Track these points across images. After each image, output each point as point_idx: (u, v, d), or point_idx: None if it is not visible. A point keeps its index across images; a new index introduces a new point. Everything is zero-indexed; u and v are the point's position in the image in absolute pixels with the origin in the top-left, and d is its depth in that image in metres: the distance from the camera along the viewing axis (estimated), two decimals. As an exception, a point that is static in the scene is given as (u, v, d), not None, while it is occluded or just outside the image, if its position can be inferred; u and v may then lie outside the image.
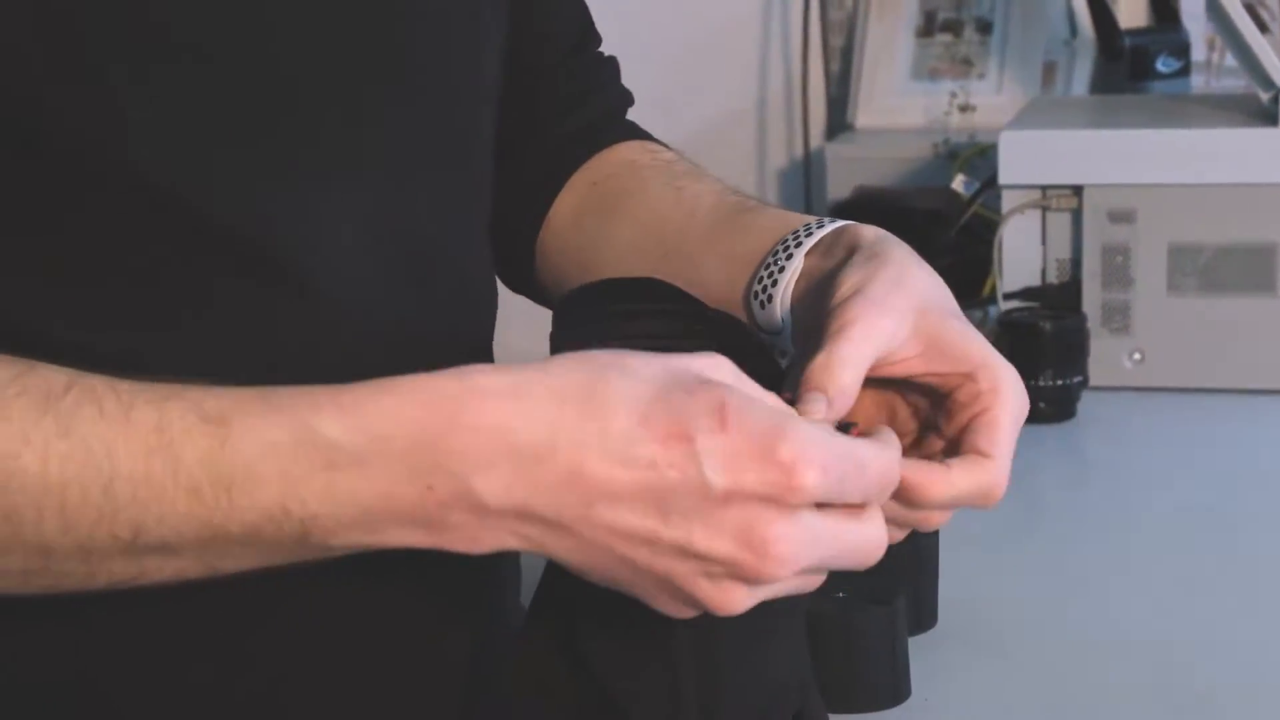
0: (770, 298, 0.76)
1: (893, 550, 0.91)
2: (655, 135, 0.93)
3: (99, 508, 0.59)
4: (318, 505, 0.59)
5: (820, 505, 0.59)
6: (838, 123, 2.05)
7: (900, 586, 0.86)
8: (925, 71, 1.98)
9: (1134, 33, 1.82)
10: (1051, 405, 1.27)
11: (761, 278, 0.77)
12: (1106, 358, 1.32)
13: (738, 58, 2.06)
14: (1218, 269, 1.31)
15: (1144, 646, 0.91)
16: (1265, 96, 1.30)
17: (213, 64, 0.67)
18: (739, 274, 0.78)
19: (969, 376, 0.70)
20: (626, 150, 0.90)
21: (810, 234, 0.76)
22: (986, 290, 1.37)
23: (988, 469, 0.69)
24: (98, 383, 0.60)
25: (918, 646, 0.88)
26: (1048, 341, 1.26)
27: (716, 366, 0.60)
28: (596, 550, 0.59)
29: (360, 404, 0.59)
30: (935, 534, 0.94)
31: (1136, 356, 1.33)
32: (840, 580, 0.87)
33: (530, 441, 0.58)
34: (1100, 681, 0.87)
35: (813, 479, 0.58)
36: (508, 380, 0.59)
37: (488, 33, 0.81)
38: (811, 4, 2.03)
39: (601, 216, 0.87)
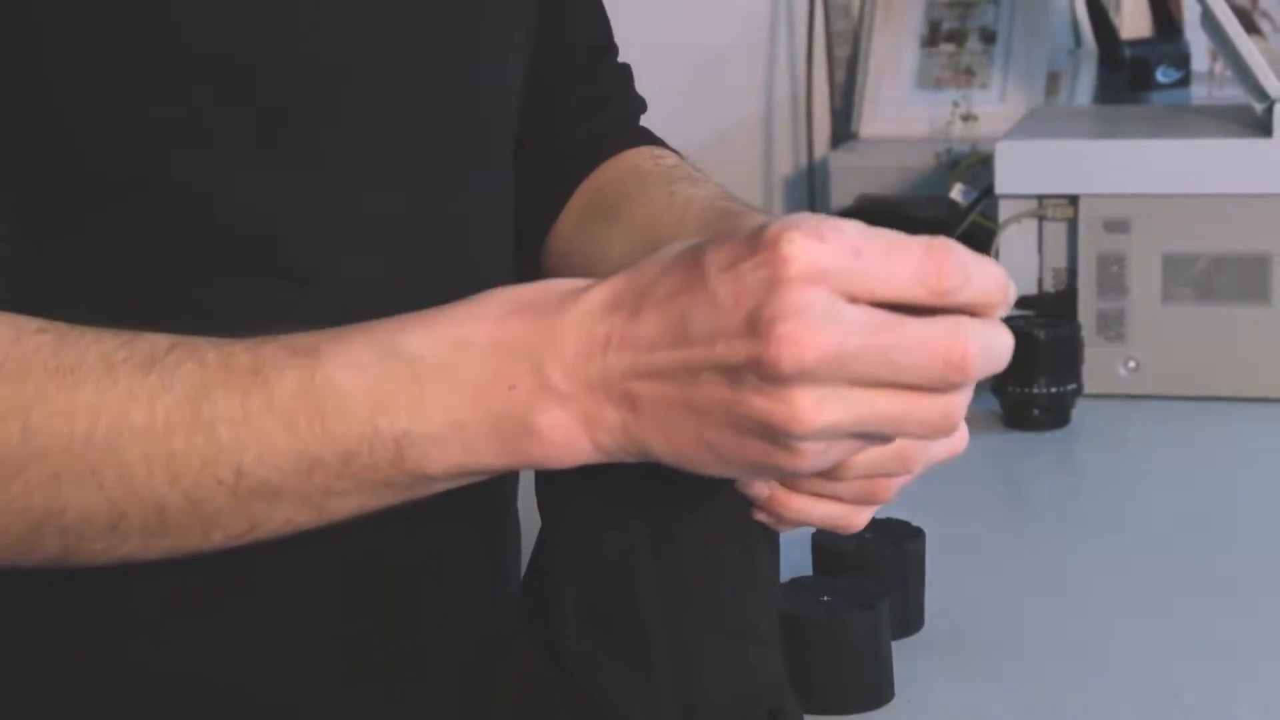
0: None
1: (880, 553, 0.93)
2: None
3: (202, 453, 0.61)
4: (408, 420, 0.60)
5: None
6: (842, 132, 2.06)
7: (885, 590, 0.88)
8: (930, 81, 1.99)
9: (1135, 43, 1.83)
10: (1046, 413, 1.28)
11: None
12: (1101, 366, 1.33)
13: (744, 68, 2.07)
14: (1212, 278, 1.31)
15: (1133, 654, 0.92)
16: (1260, 107, 1.31)
17: (241, 72, 0.68)
18: None
19: None
20: (634, 156, 0.92)
21: None
22: (984, 299, 1.38)
23: None
24: (200, 340, 0.62)
25: (903, 649, 0.89)
26: (1042, 349, 1.27)
27: None
28: (665, 414, 0.59)
29: (439, 316, 0.61)
30: (922, 539, 0.95)
31: (1131, 365, 1.34)
32: (825, 585, 0.88)
33: (586, 320, 0.59)
34: (1086, 687, 0.88)
35: (800, 243, 0.55)
36: (571, 281, 0.61)
37: (516, 40, 0.82)
38: (817, 15, 2.04)
39: (602, 221, 0.89)
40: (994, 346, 0.58)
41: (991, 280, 0.58)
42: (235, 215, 0.69)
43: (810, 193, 2.03)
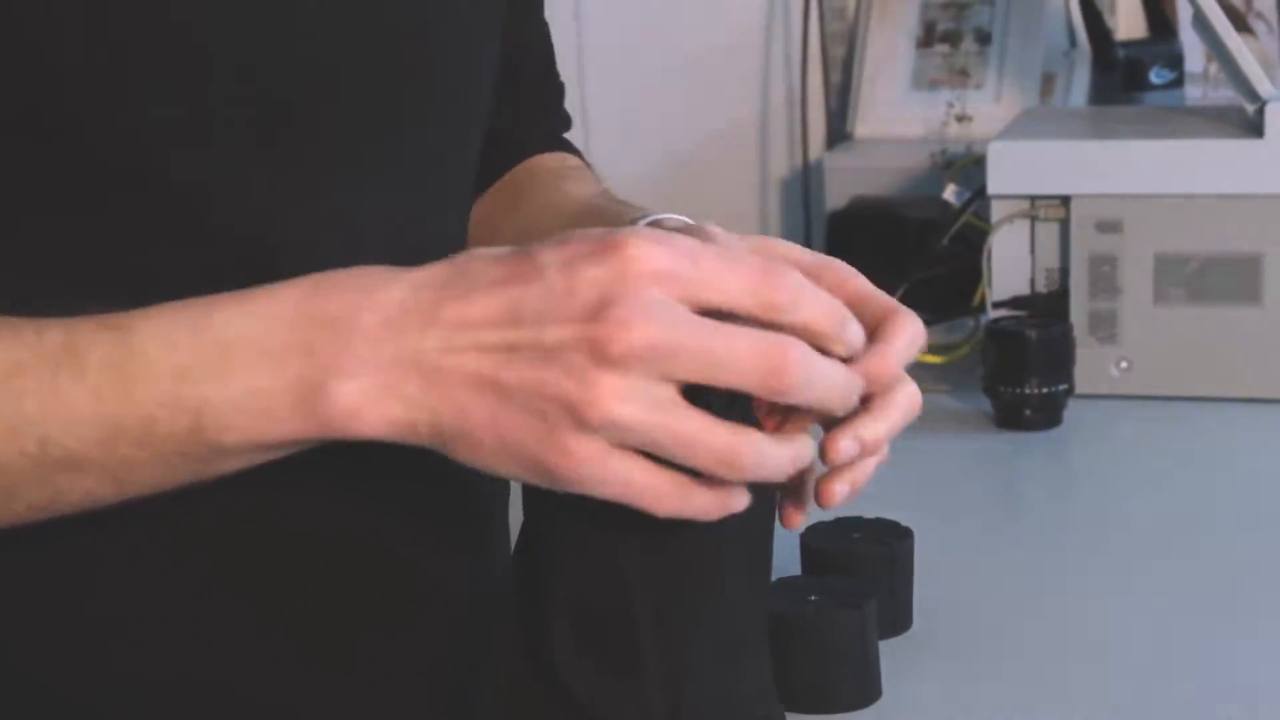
0: None
1: (868, 553, 0.93)
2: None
3: (10, 424, 0.62)
4: (208, 387, 0.62)
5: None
6: (838, 133, 2.06)
7: (873, 589, 0.88)
8: (925, 82, 1.99)
9: (1129, 44, 1.83)
10: (1037, 413, 1.28)
11: None
12: (1093, 366, 1.33)
13: (740, 70, 2.07)
14: (1204, 279, 1.32)
15: (1122, 654, 0.92)
16: (1251, 108, 1.31)
17: (242, 71, 0.68)
18: None
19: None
20: (542, 159, 0.94)
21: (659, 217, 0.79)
22: (977, 299, 1.39)
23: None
24: (19, 319, 0.64)
25: (891, 649, 0.90)
26: (1034, 350, 1.27)
27: None
28: (465, 391, 0.61)
29: (253, 292, 0.63)
30: (910, 539, 0.95)
31: (1123, 365, 1.34)
32: (813, 585, 0.88)
33: (397, 298, 0.62)
34: (1074, 687, 0.88)
35: (645, 247, 0.59)
36: (386, 265, 0.63)
37: (495, 44, 0.83)
38: (812, 15, 2.04)
39: (498, 215, 0.92)
40: (821, 374, 0.61)
41: (824, 309, 0.61)
42: (232, 215, 0.70)
43: (805, 193, 2.03)
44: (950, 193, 1.48)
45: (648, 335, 0.58)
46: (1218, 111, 1.43)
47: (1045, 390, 1.27)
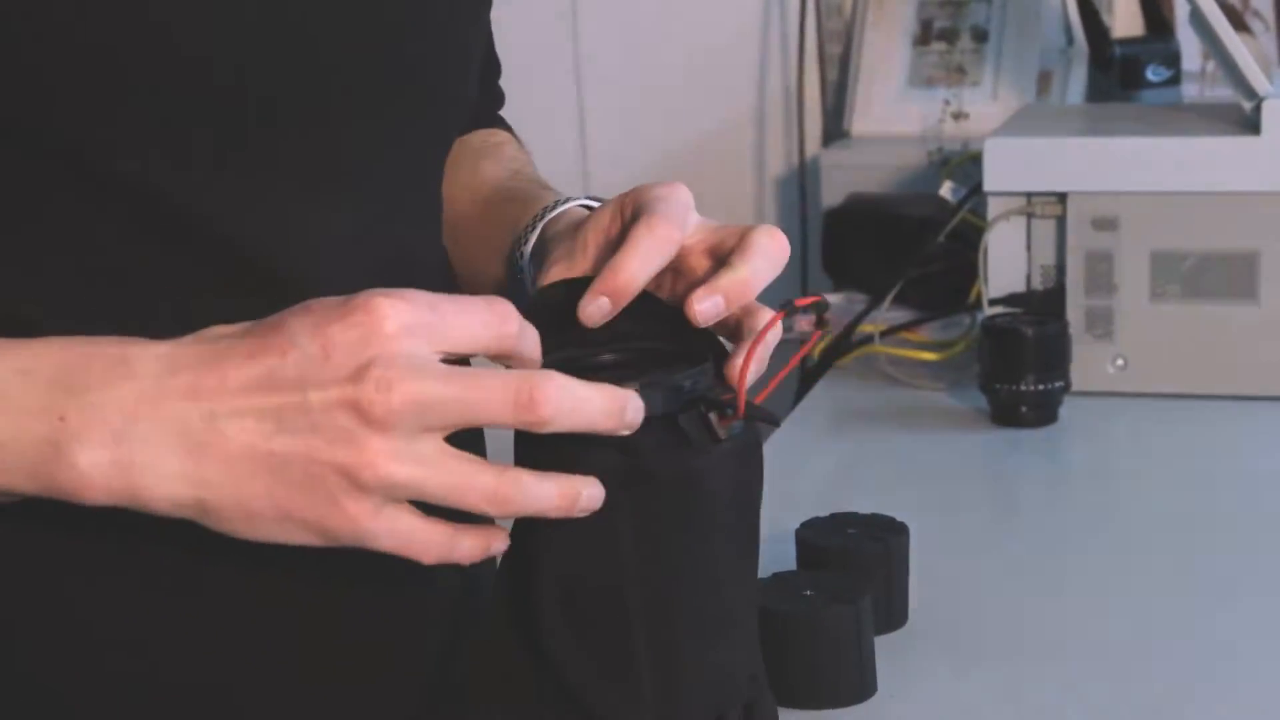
0: (521, 269, 0.82)
1: (864, 549, 0.93)
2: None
3: None
4: None
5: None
6: (834, 130, 2.06)
7: (868, 584, 0.88)
8: (921, 80, 1.99)
9: (1125, 42, 1.83)
10: (1033, 410, 1.28)
11: (515, 258, 0.83)
12: (1089, 363, 1.33)
13: (737, 67, 2.07)
14: (1200, 276, 1.32)
15: (1117, 649, 0.92)
16: (1248, 106, 1.31)
17: (225, 74, 0.68)
18: (496, 262, 0.84)
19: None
20: (466, 137, 0.94)
21: (543, 218, 0.82)
22: (973, 296, 1.38)
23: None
24: None
25: (886, 645, 0.90)
26: (1030, 347, 1.27)
27: None
28: (235, 465, 0.61)
29: (13, 347, 0.63)
30: (906, 535, 0.95)
31: (1119, 362, 1.34)
32: (808, 580, 0.88)
33: (154, 370, 0.62)
34: (1070, 682, 0.88)
35: (389, 305, 0.61)
36: (146, 339, 0.64)
37: (476, 52, 0.83)
38: (809, 12, 2.04)
39: None
40: (579, 398, 0.63)
41: (533, 337, 0.66)
42: (207, 217, 0.70)
43: (801, 191, 2.03)
44: (947, 189, 1.48)
45: (406, 393, 0.61)
46: (1216, 109, 1.43)
47: (1041, 387, 1.27)
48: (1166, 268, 1.32)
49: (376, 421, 0.61)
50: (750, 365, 0.68)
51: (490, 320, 0.64)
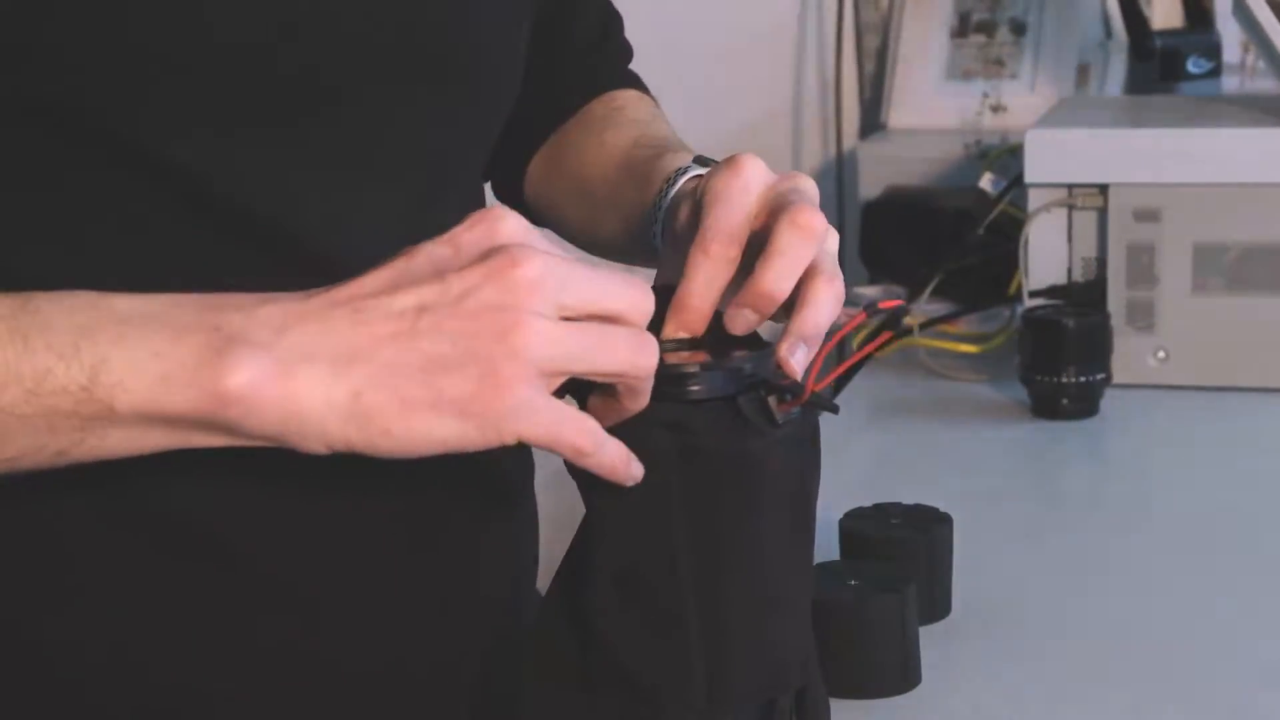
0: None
1: (907, 539, 0.93)
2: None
3: None
4: (108, 347, 0.61)
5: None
6: (871, 123, 2.06)
7: (912, 575, 0.88)
8: (959, 72, 1.99)
9: (1166, 34, 1.82)
10: (1074, 402, 1.27)
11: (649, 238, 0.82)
12: (1131, 356, 1.32)
13: (774, 59, 2.07)
14: (1243, 268, 1.31)
15: (1160, 641, 0.92)
16: (1291, 96, 1.31)
17: (256, 56, 0.68)
18: (635, 224, 0.83)
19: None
20: (590, 106, 0.94)
21: (674, 184, 0.80)
22: (1013, 288, 1.38)
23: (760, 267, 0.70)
24: None
25: (930, 635, 0.90)
26: (1071, 339, 1.27)
27: None
28: (382, 356, 0.61)
29: (151, 292, 0.63)
30: (949, 524, 0.95)
31: (1161, 355, 1.33)
32: (852, 570, 0.88)
33: (294, 297, 0.63)
34: (1113, 674, 0.88)
35: (511, 217, 0.63)
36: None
37: (522, 34, 0.83)
38: (846, 5, 2.04)
39: (553, 167, 0.93)
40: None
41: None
42: (252, 199, 0.70)
43: (839, 184, 2.03)
44: (987, 181, 1.47)
45: (542, 261, 0.62)
46: (1258, 100, 1.42)
47: (1082, 380, 1.27)
48: (1209, 260, 1.31)
49: (519, 286, 0.61)
50: (819, 360, 0.68)
51: (625, 287, 0.64)
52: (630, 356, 0.63)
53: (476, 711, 0.77)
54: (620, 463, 0.65)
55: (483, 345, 0.61)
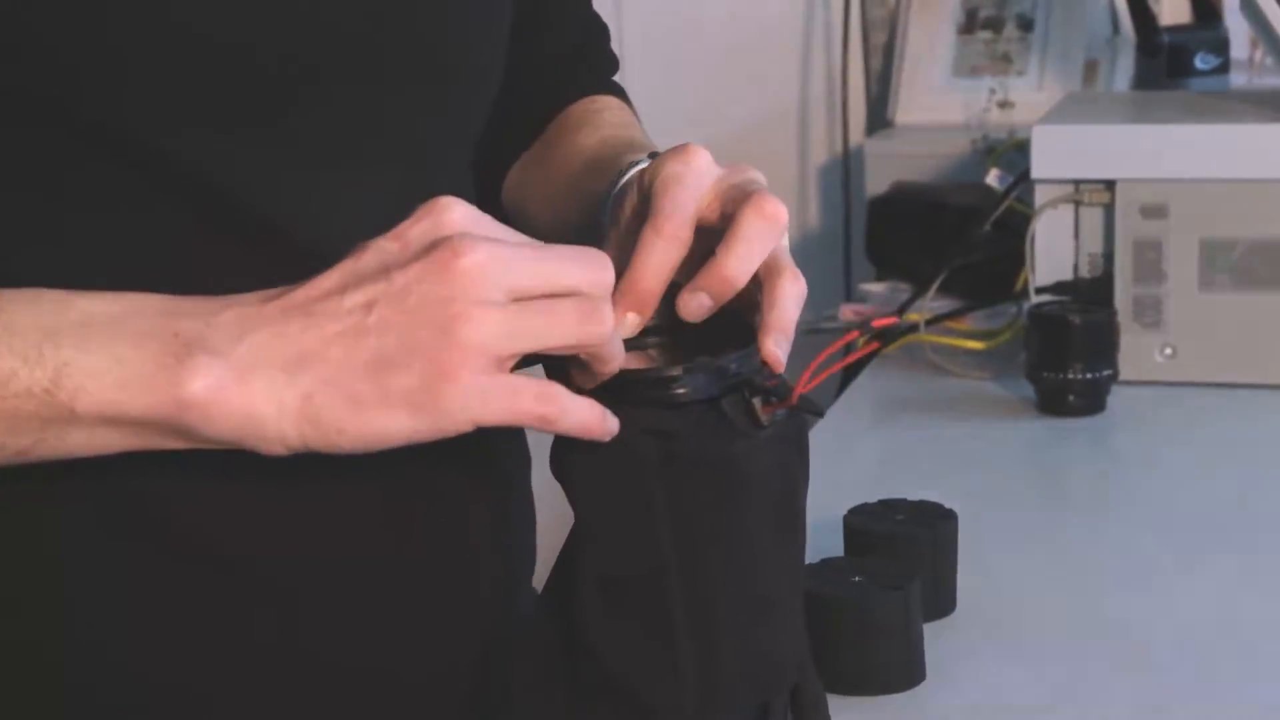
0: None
1: (912, 535, 0.92)
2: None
3: None
4: (71, 350, 0.62)
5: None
6: (878, 119, 2.06)
7: (917, 571, 0.87)
8: (966, 69, 1.98)
9: (1173, 30, 1.81)
10: (1081, 398, 1.27)
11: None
12: (1137, 352, 1.32)
13: (781, 56, 2.07)
14: (1250, 264, 1.30)
15: (1166, 638, 0.91)
16: (1299, 92, 1.30)
17: (237, 52, 0.68)
18: (589, 216, 0.82)
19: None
20: (569, 109, 0.94)
21: (616, 183, 0.79)
22: (1019, 285, 1.38)
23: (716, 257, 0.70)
24: None
25: (935, 631, 0.89)
26: (1077, 335, 1.26)
27: None
28: (332, 357, 0.62)
29: (119, 292, 0.64)
30: (954, 521, 0.95)
31: (1168, 351, 1.33)
32: (856, 566, 0.88)
33: (249, 300, 0.64)
34: (1118, 671, 0.88)
35: (457, 206, 0.64)
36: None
37: (503, 26, 0.83)
38: (853, 1, 2.04)
39: (531, 167, 0.93)
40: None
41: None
42: (244, 193, 0.70)
43: (845, 179, 2.02)
44: (993, 177, 1.47)
45: (486, 248, 0.62)
46: (1266, 96, 1.42)
47: (1089, 376, 1.26)
48: (1216, 256, 1.31)
49: (460, 277, 0.62)
50: (811, 368, 0.68)
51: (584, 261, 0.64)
52: (578, 328, 0.63)
53: (471, 711, 0.77)
54: (594, 420, 0.65)
55: (425, 338, 0.62)
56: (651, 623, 0.66)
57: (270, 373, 0.62)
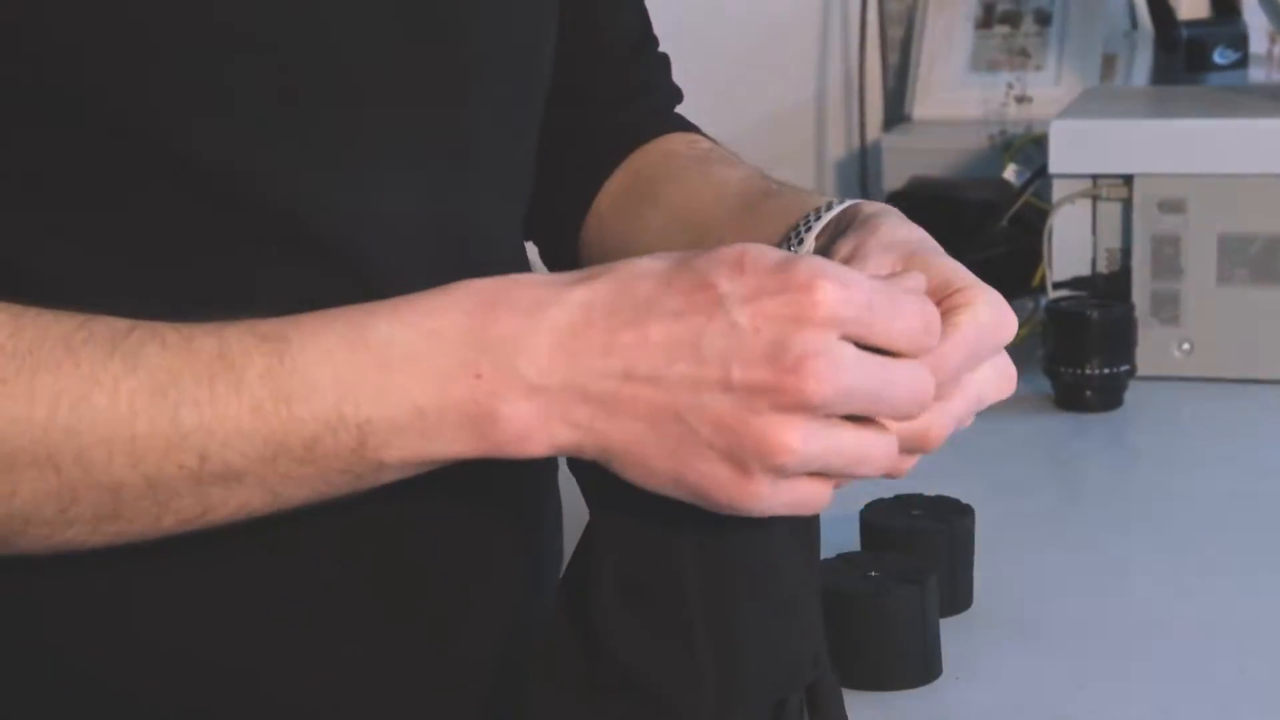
0: None
1: (929, 530, 0.92)
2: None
3: (167, 436, 0.61)
4: (371, 407, 0.61)
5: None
6: (895, 114, 2.05)
7: (933, 566, 0.87)
8: (984, 63, 1.98)
9: (1191, 24, 1.81)
10: (1098, 394, 1.27)
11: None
12: (1155, 348, 1.32)
13: (798, 50, 2.06)
14: (1268, 259, 1.30)
15: (1183, 634, 0.91)
16: (1318, 87, 1.30)
17: (263, 48, 0.68)
18: None
19: (952, 291, 0.69)
20: (668, 142, 0.93)
21: (819, 218, 0.78)
22: (1037, 280, 1.38)
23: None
24: (159, 324, 0.63)
25: (951, 627, 0.89)
26: (1095, 330, 1.26)
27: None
28: (643, 421, 0.61)
29: (411, 303, 0.62)
30: (971, 516, 0.95)
31: (1185, 347, 1.32)
32: (873, 561, 0.88)
33: (567, 320, 0.61)
34: (1135, 667, 0.88)
35: (831, 292, 0.60)
36: (546, 275, 0.63)
37: (547, 27, 0.82)
38: (870, -4, 2.03)
39: (637, 203, 0.90)
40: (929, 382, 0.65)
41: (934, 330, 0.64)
42: (264, 189, 0.69)
43: (862, 175, 2.02)
44: (1011, 172, 1.47)
45: (836, 384, 0.60)
46: (1283, 91, 1.41)
47: (1106, 371, 1.26)
48: (1234, 251, 1.31)
49: (800, 408, 0.60)
50: None
51: (918, 333, 0.62)
52: (879, 466, 0.63)
53: (491, 711, 0.77)
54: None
55: (742, 453, 0.60)
56: (670, 623, 0.66)
57: (574, 417, 0.61)
